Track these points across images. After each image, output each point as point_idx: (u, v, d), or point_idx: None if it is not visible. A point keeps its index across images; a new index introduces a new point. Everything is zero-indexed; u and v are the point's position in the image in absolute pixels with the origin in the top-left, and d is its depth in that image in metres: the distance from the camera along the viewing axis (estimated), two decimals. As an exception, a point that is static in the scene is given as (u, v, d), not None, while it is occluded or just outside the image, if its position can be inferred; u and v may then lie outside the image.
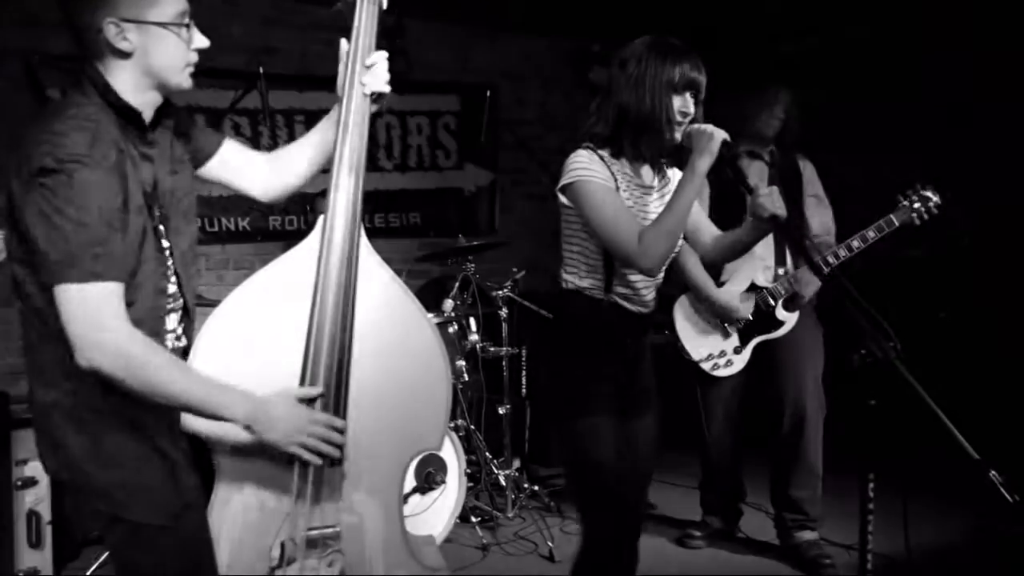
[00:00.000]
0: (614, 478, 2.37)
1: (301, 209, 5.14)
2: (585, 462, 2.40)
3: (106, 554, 3.47)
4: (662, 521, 4.18)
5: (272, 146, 5.21)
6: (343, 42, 2.04)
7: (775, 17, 5.37)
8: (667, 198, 2.44)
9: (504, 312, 4.39)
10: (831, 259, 3.50)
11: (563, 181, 2.37)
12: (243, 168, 2.13)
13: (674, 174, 2.53)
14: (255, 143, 5.12)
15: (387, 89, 2.04)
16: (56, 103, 1.80)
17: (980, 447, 1.79)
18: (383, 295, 2.02)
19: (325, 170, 2.09)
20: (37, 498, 3.28)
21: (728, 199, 3.62)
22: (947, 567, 3.59)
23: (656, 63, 2.30)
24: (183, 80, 1.85)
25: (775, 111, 3.73)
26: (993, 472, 1.81)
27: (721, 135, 2.23)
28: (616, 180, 2.34)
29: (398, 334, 2.01)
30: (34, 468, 3.23)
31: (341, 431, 1.90)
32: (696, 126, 2.27)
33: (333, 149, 2.00)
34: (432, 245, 5.21)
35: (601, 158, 2.36)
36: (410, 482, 3.69)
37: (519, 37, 5.77)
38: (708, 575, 3.69)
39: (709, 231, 2.58)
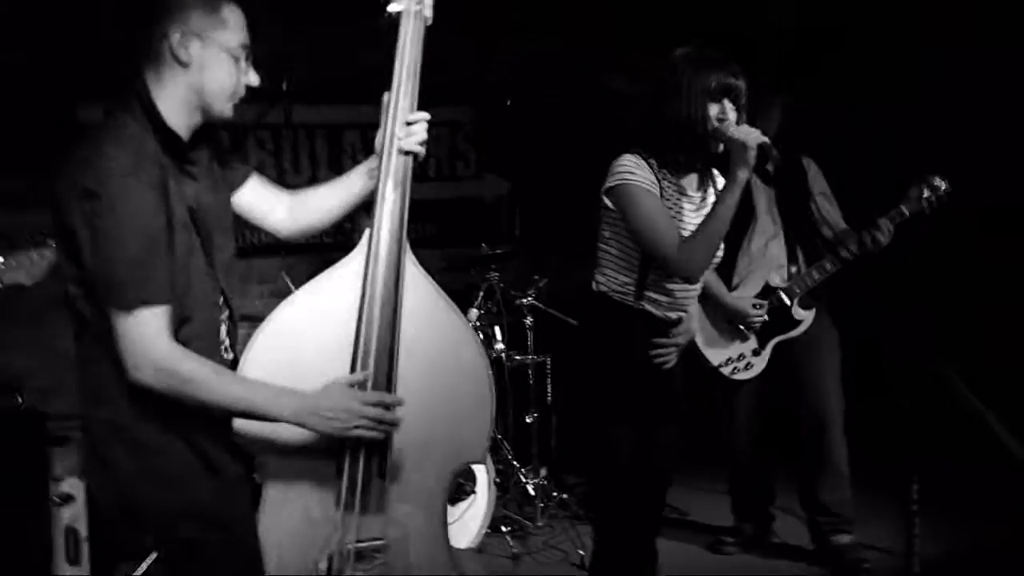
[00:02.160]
0: (631, 486, 2.40)
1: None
2: (604, 467, 2.45)
3: (142, 568, 3.49)
4: (695, 527, 4.16)
5: (294, 159, 5.25)
6: (385, 95, 2.02)
7: (773, 20, 5.38)
8: (707, 208, 2.45)
9: (529, 320, 4.39)
10: (845, 255, 3.51)
11: (608, 183, 2.41)
12: (264, 204, 2.13)
13: (719, 184, 2.55)
14: (277, 157, 5.15)
15: (421, 151, 2.02)
16: (100, 123, 1.82)
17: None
18: (428, 308, 2.02)
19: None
20: (74, 515, 3.29)
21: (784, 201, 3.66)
22: (992, 571, 3.54)
23: (692, 71, 2.36)
24: (226, 109, 1.87)
25: (770, 115, 3.71)
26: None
27: (755, 142, 2.25)
28: (660, 186, 2.36)
29: (443, 346, 2.01)
30: (72, 485, 3.25)
31: (396, 403, 1.89)
32: (732, 132, 2.29)
33: (377, 176, 1.99)
34: (452, 255, 5.21)
35: (648, 163, 2.38)
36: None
37: (536, 46, 5.76)
38: (743, 582, 3.68)
39: None
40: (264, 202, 2.13)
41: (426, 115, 2.02)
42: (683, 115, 2.35)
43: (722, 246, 2.45)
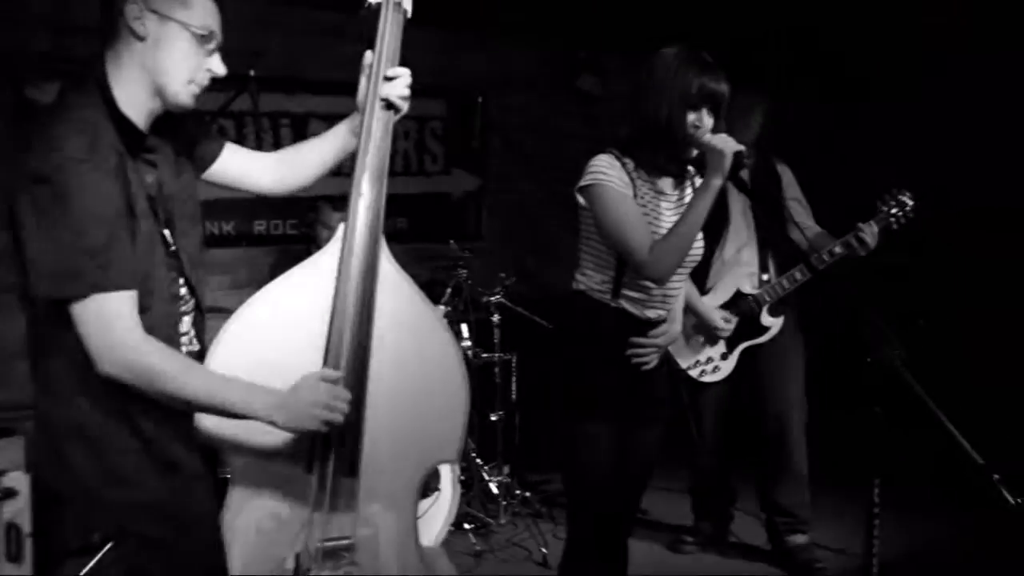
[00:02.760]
0: (604, 486, 2.41)
1: (288, 214, 5.09)
2: (577, 467, 2.45)
3: (88, 567, 3.43)
4: (654, 526, 4.19)
5: (258, 148, 5.18)
6: (367, 53, 2.02)
7: (750, 24, 5.42)
8: (683, 209, 2.46)
9: (496, 318, 4.38)
10: (817, 262, 3.54)
11: (581, 183, 2.41)
12: (248, 167, 2.09)
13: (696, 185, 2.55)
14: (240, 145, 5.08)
15: (404, 106, 2.03)
16: (53, 105, 1.74)
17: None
18: (403, 304, 2.00)
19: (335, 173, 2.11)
20: (17, 510, 3.20)
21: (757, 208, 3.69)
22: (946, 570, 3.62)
23: (675, 75, 2.33)
24: (183, 93, 1.79)
25: (750, 119, 3.73)
26: (996, 476, 1.85)
27: (731, 151, 2.24)
28: (634, 187, 2.36)
29: (418, 344, 2.00)
30: (14, 479, 3.15)
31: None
32: (709, 139, 2.28)
33: (353, 156, 1.99)
34: (419, 251, 5.19)
35: (622, 164, 2.38)
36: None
37: (507, 43, 5.75)
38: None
39: None
40: (244, 164, 2.08)
41: (407, 70, 2.02)
42: (661, 117, 2.33)
43: (701, 249, 2.47)
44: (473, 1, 5.12)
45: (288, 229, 5.23)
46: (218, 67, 1.83)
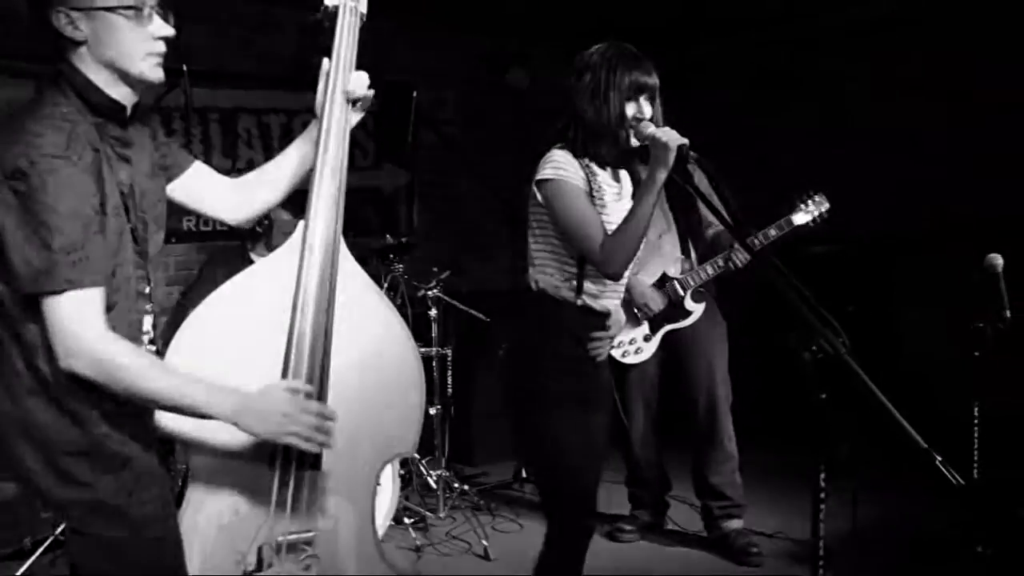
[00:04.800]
0: (581, 473, 2.43)
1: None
2: (555, 458, 2.45)
3: (29, 561, 3.34)
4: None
5: (186, 144, 5.08)
6: (325, 61, 2.04)
7: (680, 22, 5.53)
8: (626, 201, 2.49)
9: (433, 312, 4.39)
10: (736, 257, 3.65)
11: (539, 176, 2.41)
12: (208, 192, 2.08)
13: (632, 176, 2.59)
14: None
15: (369, 93, 2.06)
16: (30, 102, 1.73)
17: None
18: (359, 300, 2.01)
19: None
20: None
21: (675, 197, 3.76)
22: (889, 554, 3.71)
23: (608, 71, 2.37)
24: (146, 70, 1.77)
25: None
26: (940, 458, 1.93)
27: (675, 144, 2.25)
28: (589, 182, 2.39)
29: (375, 339, 2.01)
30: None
31: (331, 419, 1.87)
32: (653, 132, 2.30)
33: (314, 159, 2.00)
34: (351, 246, 5.15)
35: (578, 159, 2.40)
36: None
37: (437, 36, 5.76)
38: (640, 567, 3.79)
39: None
40: (208, 189, 2.08)
41: (364, 73, 2.05)
42: (601, 113, 2.37)
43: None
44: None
45: (219, 225, 5.12)
46: (164, 29, 1.79)
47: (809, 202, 3.69)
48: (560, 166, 2.38)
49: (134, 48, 1.75)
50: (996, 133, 4.81)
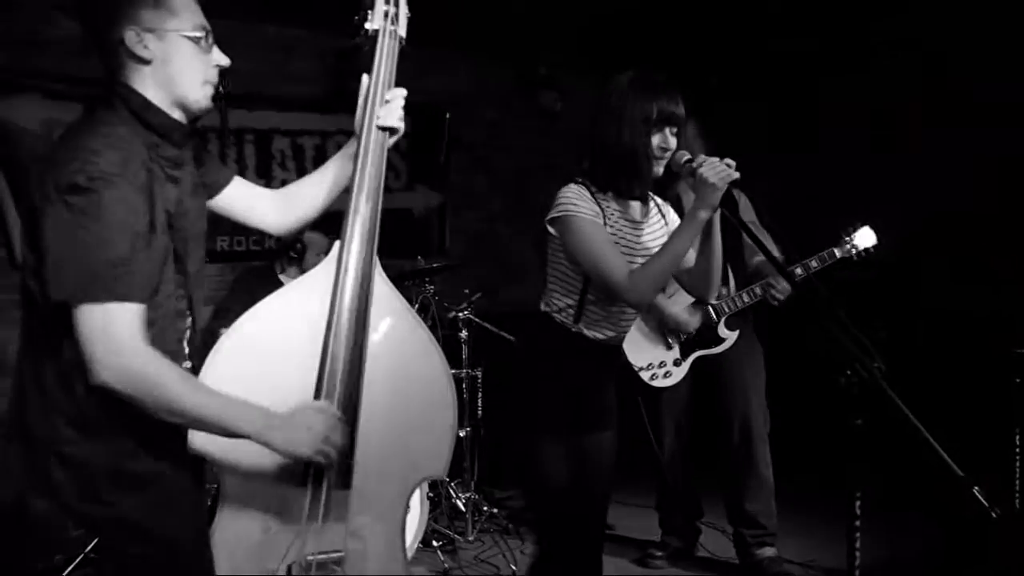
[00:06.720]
0: (567, 496, 2.43)
1: (250, 230, 5.02)
2: (541, 485, 2.46)
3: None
4: (622, 541, 4.21)
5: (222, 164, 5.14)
6: (364, 77, 2.08)
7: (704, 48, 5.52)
8: (654, 230, 2.48)
9: (464, 334, 4.38)
10: (773, 292, 3.62)
11: (551, 214, 2.41)
12: (253, 204, 2.14)
13: (663, 207, 2.58)
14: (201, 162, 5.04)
15: (400, 126, 2.08)
16: (84, 120, 1.77)
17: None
18: (394, 321, 2.02)
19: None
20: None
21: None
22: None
23: (633, 100, 2.33)
24: (202, 97, 1.84)
25: (695, 141, 3.72)
26: (976, 487, 1.89)
27: (724, 183, 2.20)
28: (604, 215, 2.37)
29: (409, 360, 2.01)
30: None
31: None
32: (701, 172, 2.22)
33: (351, 179, 2.02)
34: (384, 267, 5.17)
35: (591, 193, 2.39)
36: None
37: (469, 59, 5.79)
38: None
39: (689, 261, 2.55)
40: (251, 200, 2.12)
41: (403, 91, 2.08)
42: (623, 143, 2.33)
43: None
44: (438, 18, 5.14)
45: (251, 245, 5.19)
46: (223, 59, 1.87)
47: (855, 235, 3.65)
48: (572, 201, 2.37)
49: (196, 74, 1.82)
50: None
